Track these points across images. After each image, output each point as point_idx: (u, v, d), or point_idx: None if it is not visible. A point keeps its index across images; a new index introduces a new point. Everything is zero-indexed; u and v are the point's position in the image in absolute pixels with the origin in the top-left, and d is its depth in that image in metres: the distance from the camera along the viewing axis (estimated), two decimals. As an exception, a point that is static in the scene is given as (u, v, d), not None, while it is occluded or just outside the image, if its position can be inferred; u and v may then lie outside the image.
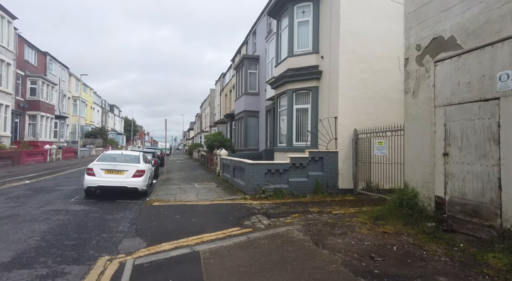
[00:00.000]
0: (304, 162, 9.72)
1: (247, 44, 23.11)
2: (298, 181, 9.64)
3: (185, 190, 10.98)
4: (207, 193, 10.27)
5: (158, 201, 9.08)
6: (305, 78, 11.46)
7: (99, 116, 55.67)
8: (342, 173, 10.08)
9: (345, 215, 7.03)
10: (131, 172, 9.62)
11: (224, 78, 33.91)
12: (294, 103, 11.87)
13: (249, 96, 19.33)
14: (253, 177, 9.32)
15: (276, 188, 9.40)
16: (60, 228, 6.13)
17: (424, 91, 6.50)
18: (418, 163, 6.62)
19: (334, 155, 10.00)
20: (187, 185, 12.47)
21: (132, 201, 9.27)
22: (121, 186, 9.41)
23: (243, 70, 19.67)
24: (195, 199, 9.39)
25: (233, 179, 11.71)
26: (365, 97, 10.31)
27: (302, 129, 11.78)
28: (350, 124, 10.13)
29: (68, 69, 35.69)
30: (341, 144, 10.11)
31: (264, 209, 7.72)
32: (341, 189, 10.03)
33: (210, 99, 46.26)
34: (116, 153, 11.09)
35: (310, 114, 11.49)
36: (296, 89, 11.76)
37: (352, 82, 10.19)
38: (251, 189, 9.34)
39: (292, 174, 9.67)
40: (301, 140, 11.78)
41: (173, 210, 7.85)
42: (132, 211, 7.89)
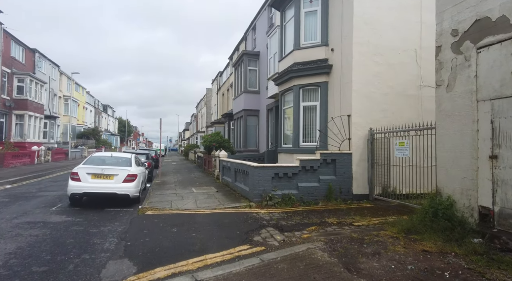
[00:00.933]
0: (315, 164, 8.76)
1: (246, 40, 22.13)
2: (308, 186, 8.67)
3: (182, 196, 9.95)
4: (206, 200, 9.26)
5: (152, 209, 8.05)
6: (313, 73, 10.51)
7: (92, 116, 54.23)
8: (357, 177, 9.13)
9: (370, 228, 6.07)
10: (122, 177, 8.58)
11: (221, 77, 32.89)
12: (301, 100, 10.91)
13: (249, 94, 18.34)
14: (259, 182, 8.33)
15: (284, 194, 8.42)
16: (31, 247, 5.07)
17: (463, 83, 5.57)
18: (455, 167, 5.68)
19: (348, 157, 9.05)
20: (184, 189, 11.44)
21: (123, 210, 8.22)
22: (110, 192, 8.36)
23: (243, 67, 18.68)
24: (193, 207, 8.37)
25: (235, 183, 10.71)
26: (380, 93, 9.39)
27: (310, 129, 10.82)
28: (364, 123, 9.20)
29: (58, 67, 34.37)
30: (355, 144, 9.16)
31: (274, 220, 6.73)
32: (356, 195, 9.08)
33: (206, 99, 45.19)
34: (105, 155, 10.01)
35: (319, 112, 10.54)
36: (303, 85, 10.80)
37: (367, 76, 9.26)
38: (256, 195, 8.35)
39: (301, 178, 8.69)
40: (309, 141, 10.82)
41: (169, 221, 6.82)
42: (122, 222, 6.85)
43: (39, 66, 29.20)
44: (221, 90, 31.81)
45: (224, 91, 30.12)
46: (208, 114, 43.00)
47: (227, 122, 23.76)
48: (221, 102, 31.78)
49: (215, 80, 37.14)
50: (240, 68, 19.42)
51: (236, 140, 20.17)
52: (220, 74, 33.43)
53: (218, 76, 34.50)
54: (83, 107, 47.10)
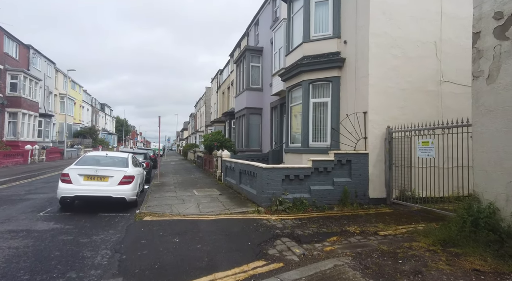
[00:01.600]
0: (329, 166, 8.03)
1: (248, 36, 21.38)
2: (321, 189, 7.94)
3: (183, 199, 9.20)
4: (210, 204, 8.51)
5: (150, 214, 7.30)
6: (324, 67, 9.79)
7: (89, 115, 53.31)
8: (373, 179, 8.41)
9: (399, 238, 5.35)
10: (117, 179, 7.83)
11: (221, 74, 32.13)
12: (311, 97, 10.18)
13: (252, 92, 17.60)
14: (268, 184, 7.60)
15: (295, 198, 7.69)
16: (8, 263, 4.31)
17: (509, 73, 4.86)
18: (498, 170, 4.97)
19: (364, 157, 8.33)
20: (184, 192, 10.68)
21: (119, 215, 7.48)
22: (104, 196, 7.60)
23: (245, 63, 17.93)
24: (196, 211, 7.62)
25: (240, 185, 9.96)
26: (398, 88, 8.67)
27: (320, 127, 10.10)
28: (381, 121, 8.48)
29: (54, 65, 33.48)
30: (372, 144, 8.44)
31: (288, 228, 5.99)
32: (372, 199, 8.36)
33: (205, 97, 44.42)
34: (99, 154, 9.25)
35: (330, 109, 9.81)
36: (314, 80, 10.07)
37: (384, 70, 8.55)
38: (265, 199, 7.61)
39: (314, 180, 7.96)
40: (319, 140, 10.10)
41: (170, 228, 6.08)
42: (117, 230, 6.10)
43: (34, 62, 28.32)
44: (221, 89, 31.05)
45: (224, 89, 29.36)
46: (207, 113, 42.22)
47: (228, 121, 23.01)
48: (221, 101, 31.02)
49: (215, 78, 36.37)
50: (242, 64, 18.68)
51: (238, 140, 19.43)
52: (220, 72, 32.66)
53: (218, 74, 33.73)
54: (79, 106, 46.20)
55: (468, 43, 9.50)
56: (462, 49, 9.22)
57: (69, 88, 39.49)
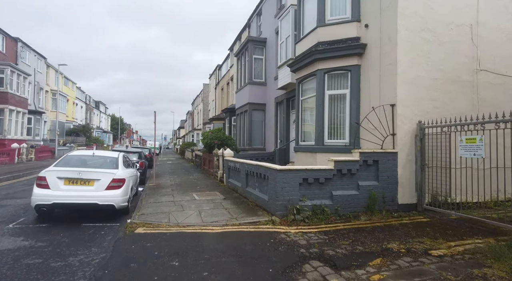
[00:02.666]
0: (353, 167, 6.88)
1: (249, 28, 20.16)
2: (345, 194, 6.79)
3: (181, 205, 8.00)
4: (213, 211, 7.33)
5: (144, 225, 6.12)
6: (342, 54, 8.63)
7: (83, 112, 51.79)
8: (402, 182, 7.28)
9: (459, 261, 4.21)
10: (105, 182, 6.63)
11: (220, 70, 30.89)
12: (326, 88, 9.02)
13: (255, 86, 16.41)
14: (283, 189, 6.43)
15: (315, 205, 6.54)
16: None
17: None
18: None
19: (393, 157, 7.20)
20: (183, 195, 9.49)
21: (106, 225, 6.30)
22: (88, 203, 6.39)
23: (247, 56, 16.72)
24: (198, 221, 6.44)
25: (247, 189, 8.78)
26: (429, 77, 7.54)
27: (337, 123, 8.95)
28: (411, 115, 7.35)
29: (45, 59, 31.99)
30: (401, 142, 7.31)
31: (314, 245, 4.83)
32: (401, 205, 7.23)
33: (203, 94, 43.13)
34: (85, 154, 8.01)
35: (349, 102, 8.67)
36: (330, 69, 8.91)
37: (414, 57, 7.42)
38: (280, 207, 6.44)
39: (336, 184, 6.81)
40: (336, 137, 8.95)
41: (167, 245, 4.90)
42: (101, 248, 4.92)
43: (23, 56, 26.87)
44: (220, 85, 29.83)
45: (223, 85, 28.14)
46: (205, 110, 40.95)
47: (228, 118, 21.80)
48: (220, 97, 29.80)
49: (213, 74, 35.11)
50: (244, 57, 17.47)
51: (239, 138, 18.25)
52: (218, 67, 31.41)
53: (216, 69, 32.47)
54: (73, 103, 44.69)
55: (509, 26, 8.53)
56: (502, 33, 8.16)
57: (61, 84, 38.01)
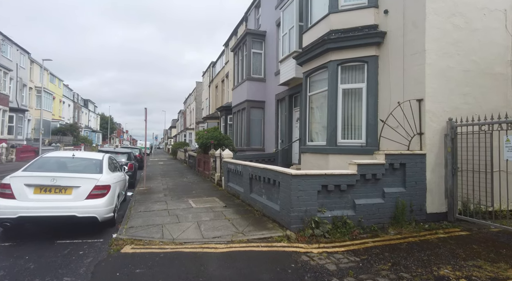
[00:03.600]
0: (378, 171, 5.92)
1: (246, 21, 19.12)
2: (369, 203, 5.84)
3: (176, 215, 6.94)
4: (215, 223, 6.28)
5: (132, 242, 5.07)
6: (358, 44, 7.69)
7: (71, 111, 49.94)
8: (431, 188, 6.36)
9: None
10: (86, 190, 5.54)
11: (214, 67, 29.76)
12: (340, 82, 8.07)
13: (253, 82, 15.39)
14: (299, 198, 5.43)
15: (335, 216, 5.56)
16: None
17: None
18: None
19: (421, 159, 6.27)
20: (178, 202, 8.42)
21: (86, 242, 5.22)
22: (64, 215, 5.29)
23: (246, 50, 15.69)
24: (197, 236, 5.40)
25: (251, 195, 7.76)
26: (460, 69, 6.65)
27: (352, 120, 8.01)
28: (441, 111, 6.44)
29: (29, 54, 30.36)
30: (430, 142, 6.39)
31: (347, 271, 3.84)
32: (430, 214, 6.32)
33: (196, 93, 41.90)
34: (62, 155, 6.85)
35: (365, 98, 7.74)
36: (344, 61, 7.95)
37: (443, 45, 6.51)
38: (295, 219, 5.43)
39: (359, 191, 5.85)
40: (350, 137, 8.01)
41: (162, 273, 3.86)
42: (77, 276, 3.85)
43: (3, 50, 25.28)
44: (214, 82, 28.71)
45: (218, 82, 27.03)
46: (198, 109, 39.75)
47: (223, 117, 20.73)
48: (214, 95, 28.69)
49: (207, 71, 33.94)
50: (241, 51, 16.42)
51: (236, 138, 17.20)
52: (213, 64, 30.27)
53: (210, 66, 31.32)
54: (59, 101, 42.92)
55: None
56: (538, 20, 7.30)
57: (47, 81, 36.31)
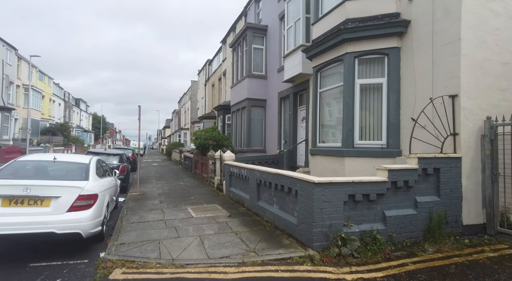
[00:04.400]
0: (411, 178, 5.11)
1: (246, 16, 18.24)
2: (400, 215, 5.02)
3: (175, 227, 6.03)
4: (220, 238, 5.39)
5: (123, 265, 4.17)
6: (378, 34, 6.89)
7: (61, 110, 48.49)
8: (467, 196, 5.57)
9: None
10: (67, 201, 4.63)
11: (211, 65, 28.82)
12: (357, 76, 7.26)
13: (254, 80, 14.52)
14: (323, 211, 4.58)
15: (363, 231, 4.73)
16: None
17: None
18: None
19: (456, 164, 5.48)
20: (175, 211, 7.52)
21: (67, 265, 4.32)
22: (40, 232, 4.37)
23: (246, 45, 14.82)
24: (201, 256, 4.52)
25: (258, 203, 6.89)
26: (498, 62, 5.88)
27: (371, 119, 7.21)
28: (477, 109, 5.66)
29: (16, 50, 29.05)
30: (465, 144, 5.60)
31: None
32: (466, 226, 5.52)
33: (191, 92, 40.88)
34: (41, 159, 5.88)
35: (386, 94, 6.94)
36: (362, 53, 7.14)
37: (480, 34, 5.73)
38: (318, 236, 4.58)
39: (389, 201, 5.03)
40: (369, 137, 7.20)
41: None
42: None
43: (-12, 46, 24.03)
44: (211, 81, 27.77)
45: (214, 81, 26.10)
46: (193, 109, 38.75)
47: (220, 116, 19.82)
48: (211, 94, 27.75)
49: (202, 70, 32.97)
50: (241, 47, 15.55)
51: (235, 138, 16.32)
52: (209, 62, 29.32)
53: (206, 65, 30.36)
54: (49, 100, 41.52)
55: None
56: None
57: (36, 78, 34.99)
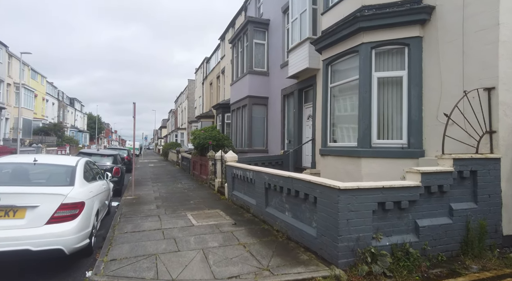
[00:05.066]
0: (445, 182, 4.44)
1: (246, 11, 17.54)
2: (434, 224, 4.35)
3: (174, 238, 5.31)
4: (226, 251, 4.68)
5: (111, 289, 3.44)
6: (398, 22, 6.23)
7: (55, 110, 47.45)
8: (507, 202, 4.91)
9: None
10: (46, 211, 3.92)
11: (209, 63, 28.08)
12: (374, 69, 6.59)
13: (255, 76, 13.82)
14: (349, 222, 3.90)
15: (394, 245, 4.06)
16: None
17: None
18: None
19: (494, 165, 4.82)
20: (174, 217, 6.79)
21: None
22: (11, 250, 3.65)
23: (247, 40, 14.11)
24: (206, 275, 3.82)
25: (267, 210, 6.19)
26: (536, 50, 5.24)
27: (390, 116, 6.54)
28: (516, 103, 5.02)
29: (7, 48, 28.09)
30: (504, 143, 4.94)
31: None
32: (507, 237, 4.87)
33: (188, 91, 40.07)
34: (18, 161, 5.10)
35: (407, 88, 6.28)
36: (379, 43, 6.47)
37: (517, 19, 5.10)
38: (344, 251, 3.89)
39: (422, 209, 4.36)
40: (388, 136, 6.54)
41: None
42: None
43: (-23, 42, 23.10)
44: (209, 79, 27.03)
45: (212, 79, 25.37)
46: (190, 108, 37.94)
47: (219, 115, 19.11)
48: (209, 93, 27.01)
49: (200, 68, 32.21)
50: (241, 42, 14.84)
51: (235, 138, 15.61)
52: (207, 60, 28.57)
53: (204, 62, 29.61)
54: (42, 99, 40.50)
55: None
56: None
57: (28, 77, 34.01)
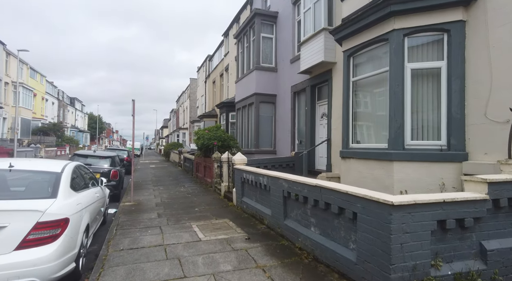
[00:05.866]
0: (516, 194, 3.60)
1: (251, 5, 16.69)
2: (504, 248, 3.51)
3: (179, 259, 4.48)
4: (243, 278, 3.85)
5: None
6: (436, 4, 5.37)
7: (55, 109, 46.80)
8: None
9: None
10: (17, 232, 3.12)
11: (211, 61, 27.26)
12: (407, 60, 5.74)
13: (263, 72, 12.98)
14: (404, 246, 3.06)
15: (457, 274, 3.21)
16: None
17: None
18: None
19: None
20: (178, 230, 5.96)
21: None
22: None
23: (254, 34, 13.28)
24: (220, 316, 2.98)
25: (285, 222, 5.35)
26: None
27: (425, 114, 5.69)
28: None
29: (4, 46, 27.36)
30: None
31: None
32: None
33: (190, 90, 39.28)
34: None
35: (446, 82, 5.43)
36: (413, 30, 5.62)
37: None
38: (394, 282, 3.06)
39: (488, 228, 3.51)
40: (423, 137, 5.68)
41: None
42: None
43: (-27, 39, 22.34)
44: (211, 77, 26.22)
45: (215, 77, 24.55)
46: (192, 107, 37.16)
47: (223, 114, 18.28)
48: (212, 92, 26.20)
49: (202, 66, 31.40)
50: (247, 37, 14.00)
51: (241, 138, 14.78)
52: (209, 58, 27.75)
53: (206, 60, 28.78)
54: (42, 98, 39.81)
55: None
56: None
57: (27, 76, 33.30)
